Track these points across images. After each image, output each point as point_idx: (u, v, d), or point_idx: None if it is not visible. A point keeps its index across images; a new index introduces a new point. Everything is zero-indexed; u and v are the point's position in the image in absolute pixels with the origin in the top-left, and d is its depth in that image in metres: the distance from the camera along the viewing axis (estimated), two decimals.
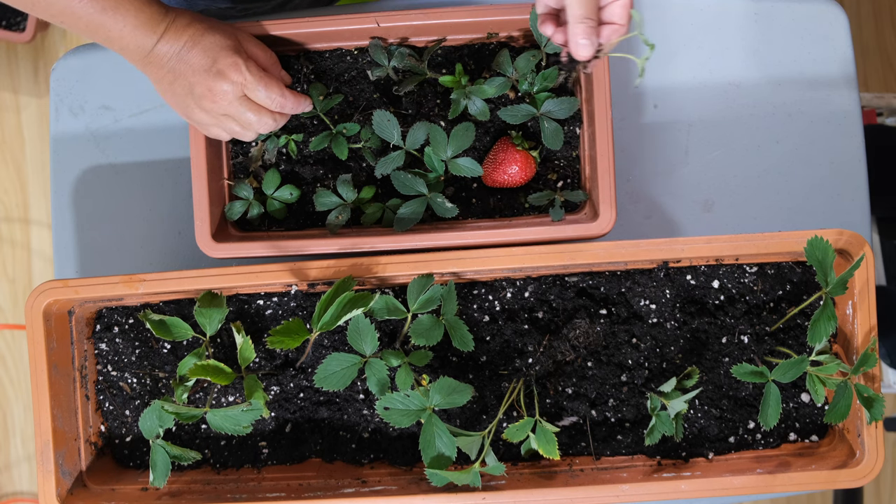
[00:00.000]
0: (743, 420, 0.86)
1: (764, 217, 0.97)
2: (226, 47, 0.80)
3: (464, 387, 0.76)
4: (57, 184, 1.01)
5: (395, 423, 0.77)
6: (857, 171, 0.97)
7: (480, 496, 0.80)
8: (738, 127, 0.97)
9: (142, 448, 0.89)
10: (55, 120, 1.01)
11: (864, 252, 0.79)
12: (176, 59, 0.79)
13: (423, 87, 0.91)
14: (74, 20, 0.75)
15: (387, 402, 0.77)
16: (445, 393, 0.76)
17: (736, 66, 0.97)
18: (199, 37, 0.79)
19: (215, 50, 0.79)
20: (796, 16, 0.97)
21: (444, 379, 0.76)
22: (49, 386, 0.83)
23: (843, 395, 0.78)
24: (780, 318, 0.85)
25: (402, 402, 0.77)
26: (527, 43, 0.91)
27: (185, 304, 0.88)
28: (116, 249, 1.00)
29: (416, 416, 0.77)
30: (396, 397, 0.77)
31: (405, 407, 0.77)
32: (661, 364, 0.86)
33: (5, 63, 2.00)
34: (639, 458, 0.86)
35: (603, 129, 0.84)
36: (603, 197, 0.84)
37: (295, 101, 0.84)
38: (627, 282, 0.86)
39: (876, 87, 1.92)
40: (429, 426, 0.77)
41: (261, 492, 0.84)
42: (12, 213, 1.97)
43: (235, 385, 0.88)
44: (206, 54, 0.79)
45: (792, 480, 0.80)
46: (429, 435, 0.77)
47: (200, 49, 0.79)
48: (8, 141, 1.97)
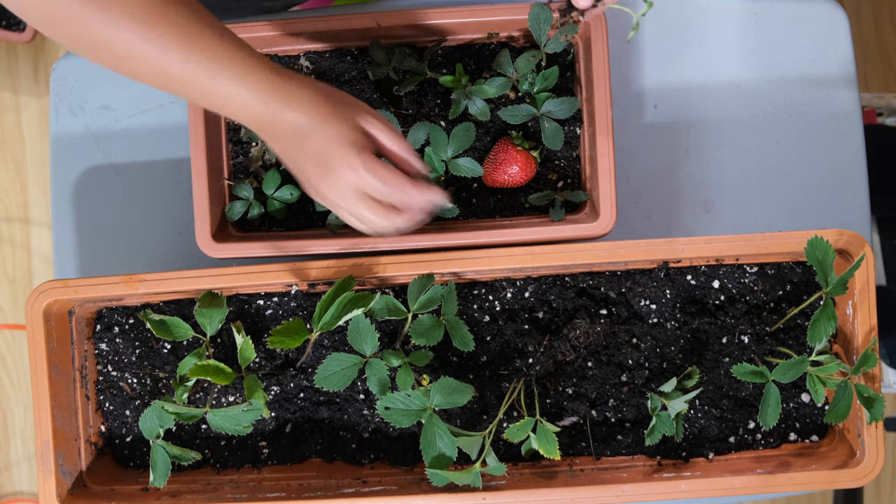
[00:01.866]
0: (743, 420, 0.86)
1: (764, 217, 0.97)
2: (343, 141, 0.70)
3: (464, 387, 0.76)
4: (57, 184, 1.01)
5: (395, 423, 0.77)
6: (857, 171, 0.97)
7: (480, 496, 0.80)
8: (738, 127, 0.97)
9: (142, 448, 0.89)
10: (55, 120, 1.01)
11: (864, 252, 0.79)
12: (291, 138, 0.71)
13: (423, 87, 0.91)
14: (173, 84, 0.67)
15: (387, 402, 0.77)
16: (446, 393, 0.76)
17: (736, 66, 0.97)
18: (318, 124, 0.70)
19: (332, 144, 0.70)
20: (796, 16, 0.97)
21: (444, 379, 0.76)
22: (49, 386, 0.83)
23: (844, 395, 0.78)
24: (780, 318, 0.85)
25: (403, 401, 0.77)
26: (527, 43, 0.91)
27: (185, 304, 0.88)
28: (116, 249, 1.00)
29: (416, 417, 0.77)
30: (397, 397, 0.77)
31: (406, 407, 0.77)
32: (662, 364, 0.86)
33: (5, 63, 2.00)
34: (639, 458, 0.86)
35: (603, 129, 0.84)
36: (603, 197, 0.84)
37: (421, 194, 0.72)
38: (628, 282, 0.86)
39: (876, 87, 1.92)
40: (429, 426, 0.77)
41: (261, 492, 0.84)
42: (12, 213, 1.97)
43: (235, 385, 0.88)
44: (321, 147, 0.71)
45: (792, 480, 0.80)
46: (429, 435, 0.77)
47: (315, 141, 0.70)
48: (8, 141, 1.97)
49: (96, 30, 0.63)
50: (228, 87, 0.68)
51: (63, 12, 0.62)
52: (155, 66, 0.66)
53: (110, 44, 0.64)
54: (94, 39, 0.64)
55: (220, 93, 0.68)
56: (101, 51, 0.65)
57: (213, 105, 0.70)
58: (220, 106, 0.70)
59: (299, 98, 0.70)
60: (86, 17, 0.63)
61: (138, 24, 0.64)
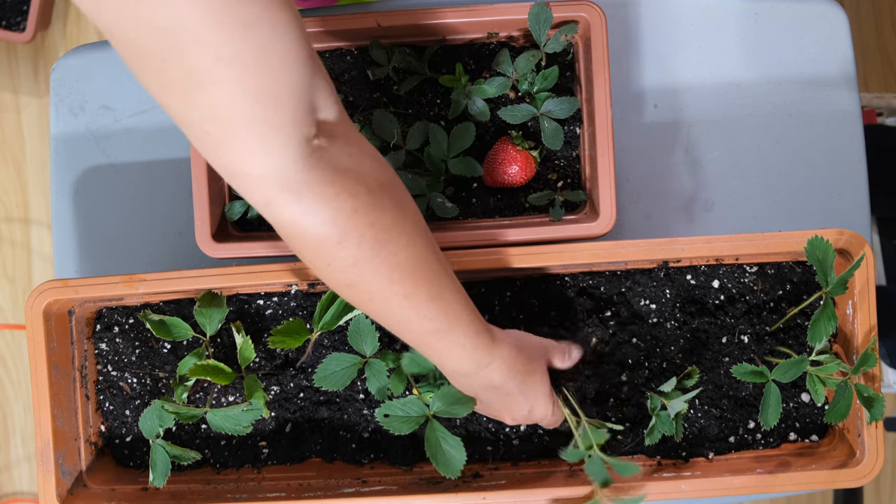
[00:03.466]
0: (743, 420, 0.86)
1: (764, 217, 0.97)
2: (543, 395, 0.76)
3: (466, 398, 0.76)
4: (57, 184, 1.01)
5: (395, 430, 0.77)
6: (857, 171, 0.97)
7: (480, 496, 0.80)
8: (738, 127, 0.97)
9: (142, 448, 0.89)
10: (55, 120, 1.01)
11: (864, 252, 0.79)
12: (492, 393, 0.74)
13: (423, 87, 0.91)
14: (407, 334, 0.69)
15: (386, 410, 0.77)
16: (447, 403, 0.76)
17: (736, 66, 0.97)
18: (519, 385, 0.74)
19: (533, 397, 0.76)
20: (796, 16, 0.97)
21: (447, 387, 0.76)
22: (49, 386, 0.83)
23: (843, 395, 0.78)
24: (780, 317, 0.85)
25: (402, 408, 0.77)
26: (527, 43, 0.91)
27: (185, 304, 0.88)
28: (116, 249, 1.00)
29: (416, 423, 0.77)
30: (396, 405, 0.77)
31: (405, 414, 0.77)
32: (662, 364, 0.86)
33: (5, 63, 2.00)
34: (639, 457, 0.86)
35: (603, 129, 0.84)
36: (603, 197, 0.84)
37: (555, 421, 0.81)
38: (627, 281, 0.86)
39: (876, 87, 1.92)
40: (432, 432, 0.77)
41: (261, 492, 0.84)
42: (12, 213, 1.97)
43: (235, 385, 0.88)
44: (521, 403, 0.76)
45: (792, 480, 0.80)
46: (433, 440, 0.77)
47: (522, 396, 0.75)
48: (8, 141, 1.98)
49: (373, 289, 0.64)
50: (453, 348, 0.69)
51: (352, 278, 0.63)
52: (399, 323, 0.68)
53: (375, 301, 0.65)
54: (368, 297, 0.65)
55: (443, 349, 0.70)
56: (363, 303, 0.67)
57: (426, 354, 0.71)
58: (434, 359, 0.71)
59: (501, 357, 0.72)
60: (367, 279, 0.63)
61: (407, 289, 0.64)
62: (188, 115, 0.53)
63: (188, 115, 0.53)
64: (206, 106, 0.51)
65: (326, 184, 0.57)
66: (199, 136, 0.54)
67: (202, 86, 0.50)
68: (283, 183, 0.56)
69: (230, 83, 0.50)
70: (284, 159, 0.55)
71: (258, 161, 0.54)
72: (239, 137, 0.53)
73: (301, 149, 0.55)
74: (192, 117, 0.53)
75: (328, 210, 0.58)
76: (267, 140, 0.53)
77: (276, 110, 0.53)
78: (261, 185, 0.56)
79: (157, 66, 0.50)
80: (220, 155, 0.55)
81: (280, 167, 0.55)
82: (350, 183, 0.59)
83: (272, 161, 0.54)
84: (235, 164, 0.55)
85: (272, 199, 0.57)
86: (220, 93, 0.51)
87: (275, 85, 0.52)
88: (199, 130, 0.54)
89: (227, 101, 0.51)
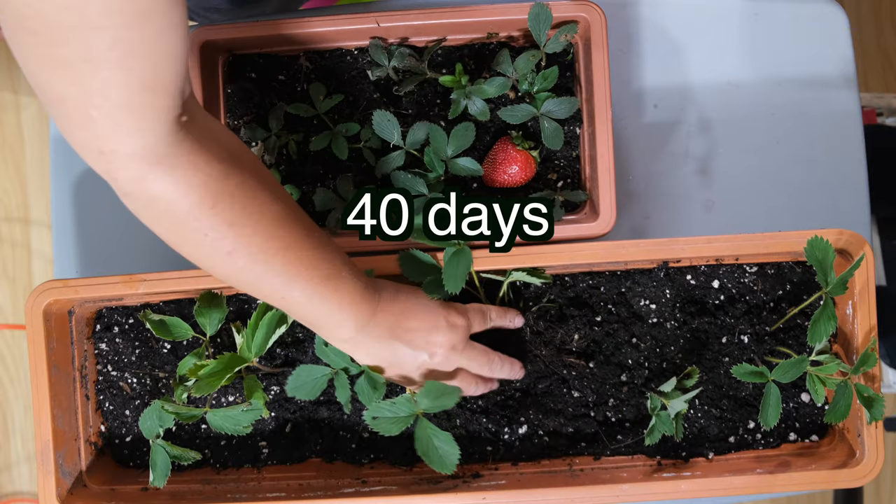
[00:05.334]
0: (743, 420, 0.86)
1: (764, 217, 0.97)
2: (437, 307, 0.77)
3: (451, 389, 0.76)
4: (57, 184, 1.01)
5: (384, 432, 0.76)
6: (857, 171, 0.97)
7: (480, 496, 0.80)
8: (738, 127, 0.97)
9: (142, 448, 0.89)
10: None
11: (864, 252, 0.79)
12: (393, 324, 0.75)
13: (423, 87, 0.91)
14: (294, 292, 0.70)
15: (375, 412, 0.77)
16: (433, 397, 0.76)
17: (736, 66, 0.97)
18: (411, 303, 0.77)
19: (431, 312, 0.77)
20: (796, 16, 0.97)
21: (430, 383, 0.76)
22: (49, 386, 0.83)
23: (843, 395, 0.78)
24: (780, 318, 0.86)
25: (391, 410, 0.77)
26: (527, 43, 0.91)
27: (185, 304, 0.88)
28: (116, 249, 1.00)
29: (405, 423, 0.77)
30: (384, 406, 0.77)
31: (393, 415, 0.77)
32: (661, 364, 0.86)
33: (5, 63, 2.00)
34: (639, 457, 0.86)
35: (603, 129, 0.84)
36: (603, 197, 0.84)
37: (511, 368, 0.82)
38: (627, 282, 0.86)
39: (876, 87, 1.92)
40: (422, 430, 0.76)
41: (261, 492, 0.84)
42: (12, 213, 1.97)
43: (235, 385, 0.88)
44: (422, 316, 0.76)
45: (792, 480, 0.80)
46: (424, 438, 0.76)
47: (413, 315, 0.76)
48: (8, 141, 1.98)
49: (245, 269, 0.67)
50: (344, 296, 0.71)
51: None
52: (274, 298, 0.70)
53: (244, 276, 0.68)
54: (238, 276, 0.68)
55: (334, 299, 0.71)
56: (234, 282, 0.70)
57: (316, 316, 0.73)
58: (325, 322, 0.73)
59: (386, 286, 0.77)
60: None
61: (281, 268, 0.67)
62: (68, 91, 0.54)
63: (68, 91, 0.54)
64: (94, 86, 0.54)
65: (196, 153, 0.61)
66: (73, 113, 0.56)
67: (96, 67, 0.53)
68: (154, 157, 0.59)
69: (122, 68, 0.53)
70: (156, 136, 0.58)
71: (132, 140, 0.57)
72: (117, 118, 0.55)
73: (171, 125, 0.59)
74: (74, 95, 0.55)
75: (200, 175, 0.61)
76: (144, 121, 0.57)
77: (160, 95, 0.56)
78: (132, 162, 0.58)
79: (58, 41, 0.51)
80: (92, 133, 0.57)
81: (151, 143, 0.58)
82: (215, 148, 0.63)
83: (145, 138, 0.57)
84: (105, 142, 0.57)
85: (143, 175, 0.60)
86: (113, 75, 0.53)
87: (163, 72, 0.56)
88: (74, 108, 0.55)
89: (118, 83, 0.54)
